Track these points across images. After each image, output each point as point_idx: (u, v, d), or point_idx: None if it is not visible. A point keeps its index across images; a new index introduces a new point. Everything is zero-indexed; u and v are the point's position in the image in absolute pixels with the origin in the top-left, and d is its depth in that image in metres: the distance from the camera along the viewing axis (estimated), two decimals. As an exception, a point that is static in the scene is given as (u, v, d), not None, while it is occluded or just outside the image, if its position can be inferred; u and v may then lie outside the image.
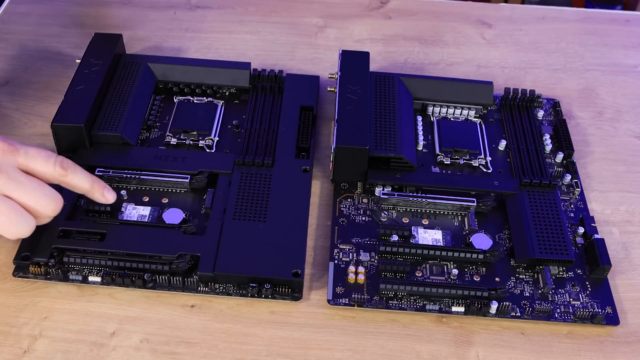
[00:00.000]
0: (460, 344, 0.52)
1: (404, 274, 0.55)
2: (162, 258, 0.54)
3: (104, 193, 0.55)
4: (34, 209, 0.51)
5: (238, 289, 0.54)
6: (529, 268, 0.57)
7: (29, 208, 0.51)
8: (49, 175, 0.53)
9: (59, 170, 0.53)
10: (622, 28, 0.83)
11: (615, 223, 0.62)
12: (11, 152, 0.51)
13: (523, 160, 0.64)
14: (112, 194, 0.56)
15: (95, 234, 0.55)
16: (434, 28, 0.81)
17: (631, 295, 0.56)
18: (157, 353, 0.51)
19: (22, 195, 0.51)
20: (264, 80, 0.69)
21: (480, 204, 0.60)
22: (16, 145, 0.52)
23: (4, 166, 0.50)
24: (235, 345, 0.51)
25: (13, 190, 0.50)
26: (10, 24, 0.78)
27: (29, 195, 0.51)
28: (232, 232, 0.56)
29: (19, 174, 0.51)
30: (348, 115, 0.62)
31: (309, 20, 0.81)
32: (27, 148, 0.52)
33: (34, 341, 0.51)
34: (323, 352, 0.51)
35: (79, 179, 0.54)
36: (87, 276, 0.54)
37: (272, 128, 0.65)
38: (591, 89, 0.75)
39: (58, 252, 0.54)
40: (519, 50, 0.79)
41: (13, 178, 0.50)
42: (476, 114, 0.69)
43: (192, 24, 0.79)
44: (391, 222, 0.59)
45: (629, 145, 0.69)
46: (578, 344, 0.53)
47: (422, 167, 0.64)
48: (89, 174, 0.55)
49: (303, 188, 0.60)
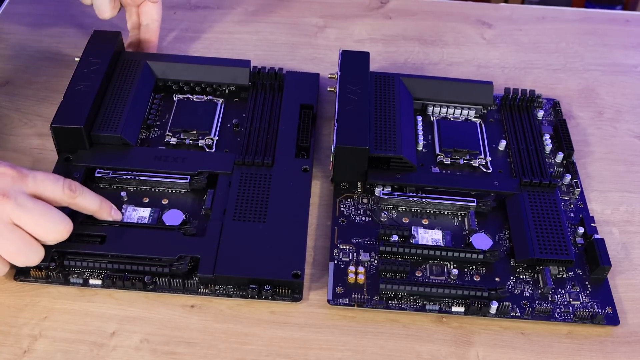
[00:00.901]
0: (460, 344, 0.52)
1: (404, 274, 0.55)
2: (162, 260, 0.54)
3: (112, 213, 0.56)
4: (43, 235, 0.52)
5: (238, 290, 0.54)
6: (529, 268, 0.57)
7: (37, 235, 0.52)
8: (58, 199, 0.53)
9: (68, 192, 0.53)
10: (622, 28, 0.83)
11: (615, 223, 0.62)
12: (20, 178, 0.52)
13: (523, 160, 0.64)
14: (119, 214, 0.57)
15: (95, 236, 0.55)
16: (434, 28, 0.81)
17: (631, 295, 0.56)
18: (157, 353, 0.51)
19: (31, 222, 0.51)
20: (264, 77, 0.69)
21: (480, 204, 0.60)
22: (24, 171, 0.52)
23: (13, 192, 0.51)
24: (235, 345, 0.51)
25: (22, 217, 0.51)
26: (10, 24, 0.78)
27: (38, 222, 0.51)
28: (232, 233, 0.55)
29: (27, 200, 0.51)
30: (348, 115, 0.62)
31: (309, 20, 0.81)
32: (35, 173, 0.53)
33: (34, 341, 0.51)
34: (323, 352, 0.51)
35: (87, 200, 0.55)
36: (87, 279, 0.54)
37: (272, 127, 0.64)
38: (591, 89, 0.75)
39: (59, 256, 0.54)
40: (519, 50, 0.79)
41: (22, 204, 0.51)
42: (476, 114, 0.69)
43: (192, 24, 0.79)
44: (391, 222, 0.59)
45: (629, 145, 0.69)
46: (578, 344, 0.53)
47: (422, 167, 0.64)
48: (96, 195, 0.56)
49: (303, 188, 0.60)
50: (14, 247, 0.51)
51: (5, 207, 0.50)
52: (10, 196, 0.50)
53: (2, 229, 0.50)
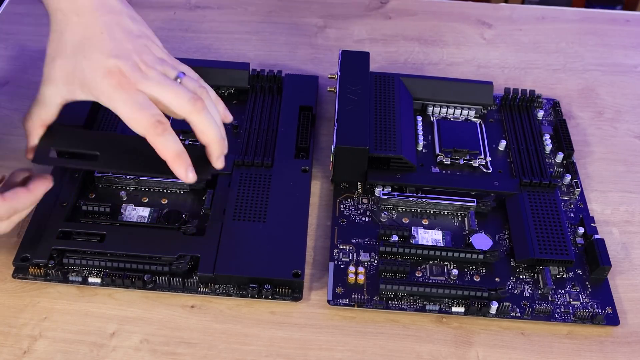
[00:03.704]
0: (460, 344, 0.52)
1: (404, 274, 0.55)
2: (162, 259, 0.54)
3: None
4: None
5: (238, 290, 0.54)
6: (529, 268, 0.57)
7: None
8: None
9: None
10: (622, 28, 0.83)
11: (615, 223, 0.62)
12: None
13: (523, 160, 0.64)
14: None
15: (95, 235, 0.55)
16: (434, 28, 0.81)
17: (631, 295, 0.56)
18: (157, 353, 0.51)
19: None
20: (263, 80, 0.69)
21: (480, 204, 0.60)
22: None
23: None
24: (235, 345, 0.51)
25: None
26: (10, 24, 0.78)
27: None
28: (232, 233, 0.55)
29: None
30: (348, 115, 0.62)
31: (309, 20, 0.81)
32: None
33: (33, 342, 0.51)
34: (323, 352, 0.51)
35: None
36: (86, 277, 0.54)
37: (272, 128, 0.64)
38: (591, 89, 0.75)
39: (58, 254, 0.54)
40: (519, 50, 0.79)
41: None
42: (476, 114, 0.69)
43: (192, 24, 0.79)
44: (391, 222, 0.59)
45: (629, 145, 0.69)
46: (578, 344, 0.53)
47: (422, 167, 0.64)
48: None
49: (303, 188, 0.60)
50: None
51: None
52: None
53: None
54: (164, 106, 0.52)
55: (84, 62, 0.51)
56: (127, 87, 0.50)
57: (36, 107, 0.53)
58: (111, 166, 0.54)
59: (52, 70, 0.52)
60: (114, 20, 0.52)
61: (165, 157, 0.52)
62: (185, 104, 0.52)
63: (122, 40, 0.52)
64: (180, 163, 0.52)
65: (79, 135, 0.56)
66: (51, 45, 0.53)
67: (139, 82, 0.51)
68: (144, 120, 0.50)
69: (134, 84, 0.50)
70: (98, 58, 0.51)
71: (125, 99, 0.50)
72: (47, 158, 0.53)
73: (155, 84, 0.51)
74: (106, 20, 0.52)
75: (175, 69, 0.54)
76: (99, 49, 0.51)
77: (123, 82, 0.50)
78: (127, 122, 0.51)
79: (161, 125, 0.50)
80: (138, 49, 0.52)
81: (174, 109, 0.52)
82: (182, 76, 0.53)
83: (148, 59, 0.52)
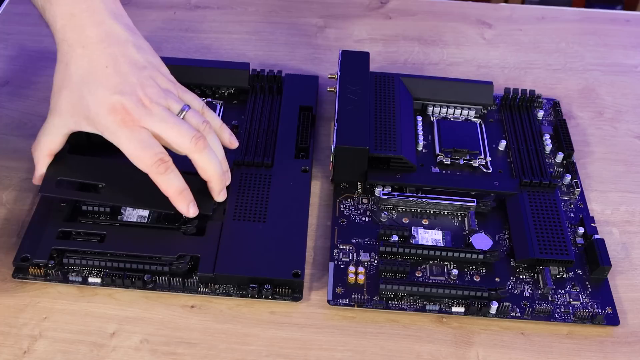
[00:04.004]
0: (460, 344, 0.52)
1: (404, 274, 0.55)
2: (161, 259, 0.54)
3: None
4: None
5: (238, 290, 0.54)
6: (529, 268, 0.57)
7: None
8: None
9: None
10: (622, 28, 0.83)
11: (615, 223, 0.62)
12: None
13: (523, 160, 0.64)
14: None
15: (95, 235, 0.55)
16: (434, 28, 0.81)
17: (631, 295, 0.56)
18: (157, 353, 0.51)
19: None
20: (263, 80, 0.69)
21: (480, 204, 0.60)
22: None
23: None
24: (235, 345, 0.51)
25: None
26: (10, 24, 0.78)
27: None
28: (232, 233, 0.55)
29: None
30: (348, 115, 0.62)
31: (309, 20, 0.81)
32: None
33: (33, 342, 0.51)
34: (323, 352, 0.51)
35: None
36: (86, 277, 0.54)
37: (272, 128, 0.65)
38: (591, 89, 0.75)
39: (58, 254, 0.54)
40: (519, 50, 0.79)
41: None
42: (476, 114, 0.69)
43: (192, 24, 0.79)
44: (391, 222, 0.59)
45: (629, 145, 0.69)
46: (578, 344, 0.53)
47: (422, 167, 0.64)
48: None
49: (303, 188, 0.60)
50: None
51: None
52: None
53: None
54: (166, 142, 0.53)
55: (89, 97, 0.52)
56: (131, 124, 0.51)
57: (43, 136, 0.55)
58: (114, 200, 0.56)
59: (59, 102, 0.53)
60: (120, 52, 0.53)
61: (168, 195, 0.53)
62: (187, 143, 0.53)
63: (126, 73, 0.52)
64: (182, 199, 0.54)
65: (86, 163, 0.57)
66: (57, 76, 0.54)
67: (142, 119, 0.51)
68: (147, 159, 0.52)
69: (137, 120, 0.51)
70: (102, 94, 0.51)
71: (129, 136, 0.51)
72: (53, 189, 0.55)
73: (159, 121, 0.52)
74: (111, 53, 0.53)
75: (180, 101, 0.54)
76: (103, 84, 0.52)
77: (126, 119, 0.51)
78: (130, 158, 0.52)
79: (163, 164, 0.52)
80: (143, 82, 0.53)
81: (176, 147, 0.53)
82: (187, 109, 0.54)
83: (152, 93, 0.52)
